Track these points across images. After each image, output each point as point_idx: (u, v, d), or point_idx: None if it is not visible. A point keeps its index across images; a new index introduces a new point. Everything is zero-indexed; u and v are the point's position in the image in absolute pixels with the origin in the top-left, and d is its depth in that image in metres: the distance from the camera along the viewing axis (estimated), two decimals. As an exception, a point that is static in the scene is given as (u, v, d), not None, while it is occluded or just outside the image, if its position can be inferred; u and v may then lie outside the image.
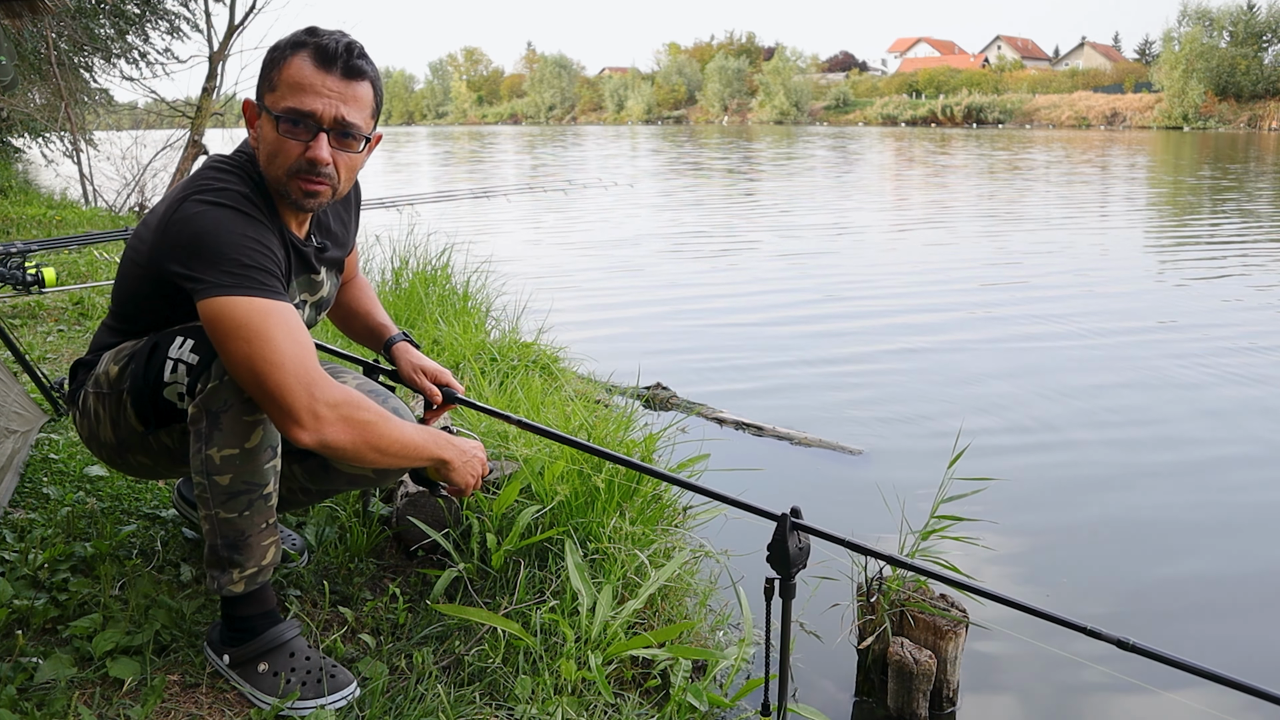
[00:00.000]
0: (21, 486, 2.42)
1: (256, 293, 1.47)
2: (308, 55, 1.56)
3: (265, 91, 1.59)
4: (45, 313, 4.62)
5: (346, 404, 1.50)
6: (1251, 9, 56.44)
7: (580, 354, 4.62)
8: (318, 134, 1.57)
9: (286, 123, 1.56)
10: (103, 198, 11.51)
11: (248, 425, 1.54)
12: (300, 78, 1.55)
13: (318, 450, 1.52)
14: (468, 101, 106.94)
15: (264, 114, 1.59)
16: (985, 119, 65.41)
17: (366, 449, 1.53)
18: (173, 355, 1.56)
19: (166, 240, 1.53)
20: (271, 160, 1.60)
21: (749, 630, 2.04)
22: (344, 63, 1.57)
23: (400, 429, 1.58)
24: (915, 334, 5.88)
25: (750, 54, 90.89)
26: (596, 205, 13.56)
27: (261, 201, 1.61)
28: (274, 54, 1.58)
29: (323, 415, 1.47)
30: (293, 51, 1.56)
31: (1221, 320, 6.23)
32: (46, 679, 1.62)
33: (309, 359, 1.48)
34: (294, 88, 1.55)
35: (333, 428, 1.48)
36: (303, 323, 1.56)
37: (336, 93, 1.57)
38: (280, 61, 1.57)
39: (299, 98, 1.55)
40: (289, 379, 1.45)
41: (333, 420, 1.48)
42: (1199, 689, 1.40)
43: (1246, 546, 3.07)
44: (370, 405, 1.54)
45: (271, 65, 1.58)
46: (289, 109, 1.55)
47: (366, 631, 1.92)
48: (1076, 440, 3.99)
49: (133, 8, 12.35)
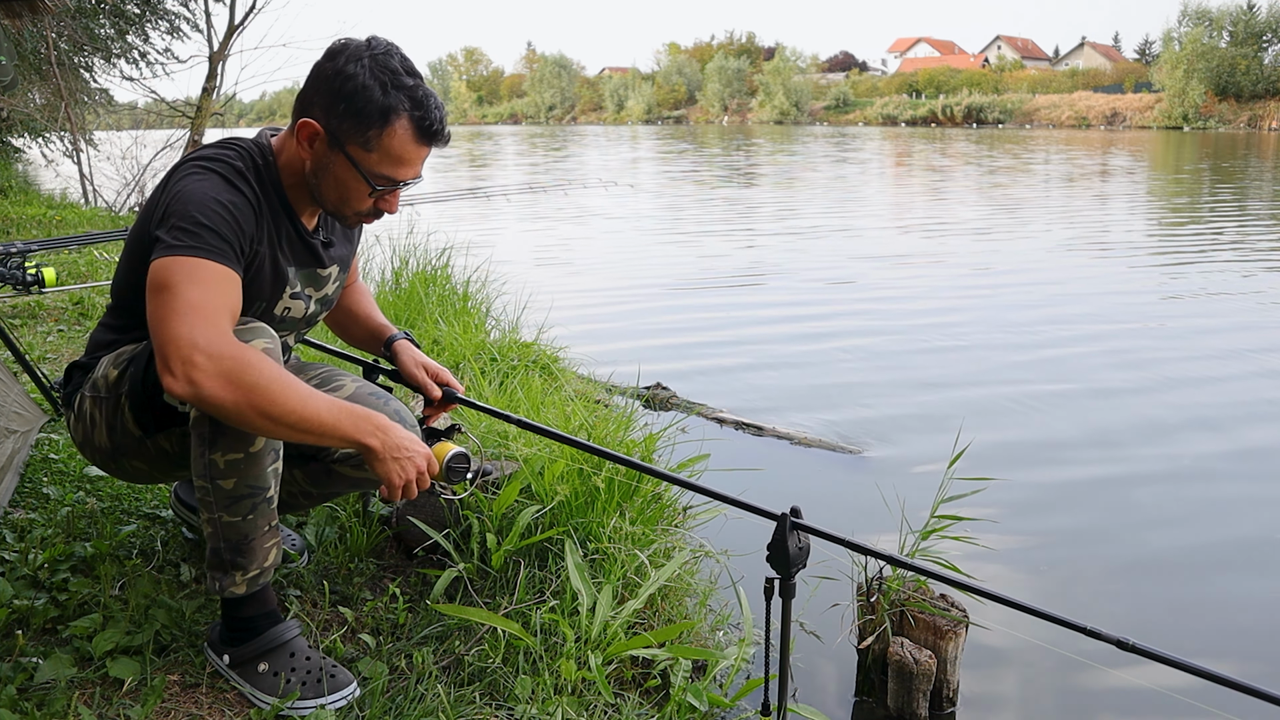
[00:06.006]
0: (21, 486, 2.42)
1: (196, 253, 1.46)
2: (409, 127, 1.57)
3: (354, 142, 1.57)
4: (45, 313, 4.62)
5: (237, 360, 1.38)
6: (1251, 9, 56.44)
7: (580, 354, 4.62)
8: (395, 189, 1.64)
9: (378, 190, 1.62)
10: (103, 198, 11.51)
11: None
12: (404, 153, 1.59)
13: (193, 403, 1.42)
14: (468, 101, 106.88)
15: (341, 155, 1.59)
16: (985, 119, 65.40)
17: (252, 413, 1.39)
18: None
19: (159, 205, 1.56)
20: (341, 199, 1.64)
21: (749, 630, 2.04)
22: (442, 138, 1.62)
23: (304, 400, 1.43)
24: (915, 334, 5.88)
25: (750, 54, 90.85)
26: (597, 205, 13.56)
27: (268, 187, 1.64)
28: (368, 106, 1.54)
29: (199, 364, 1.35)
30: (396, 117, 1.56)
31: (1220, 320, 6.24)
32: (46, 679, 1.62)
33: (212, 313, 1.41)
34: (396, 161, 1.59)
35: (210, 381, 1.35)
36: (230, 285, 1.49)
37: (424, 159, 1.64)
38: (380, 124, 1.55)
39: (398, 170, 1.61)
40: (177, 325, 1.37)
41: (211, 373, 1.36)
42: (1199, 689, 1.39)
43: (1247, 546, 3.07)
44: (273, 372, 1.41)
45: (367, 120, 1.55)
46: (385, 178, 1.61)
47: (366, 631, 1.92)
48: (1076, 440, 4.00)
49: (133, 8, 12.36)
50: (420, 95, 1.58)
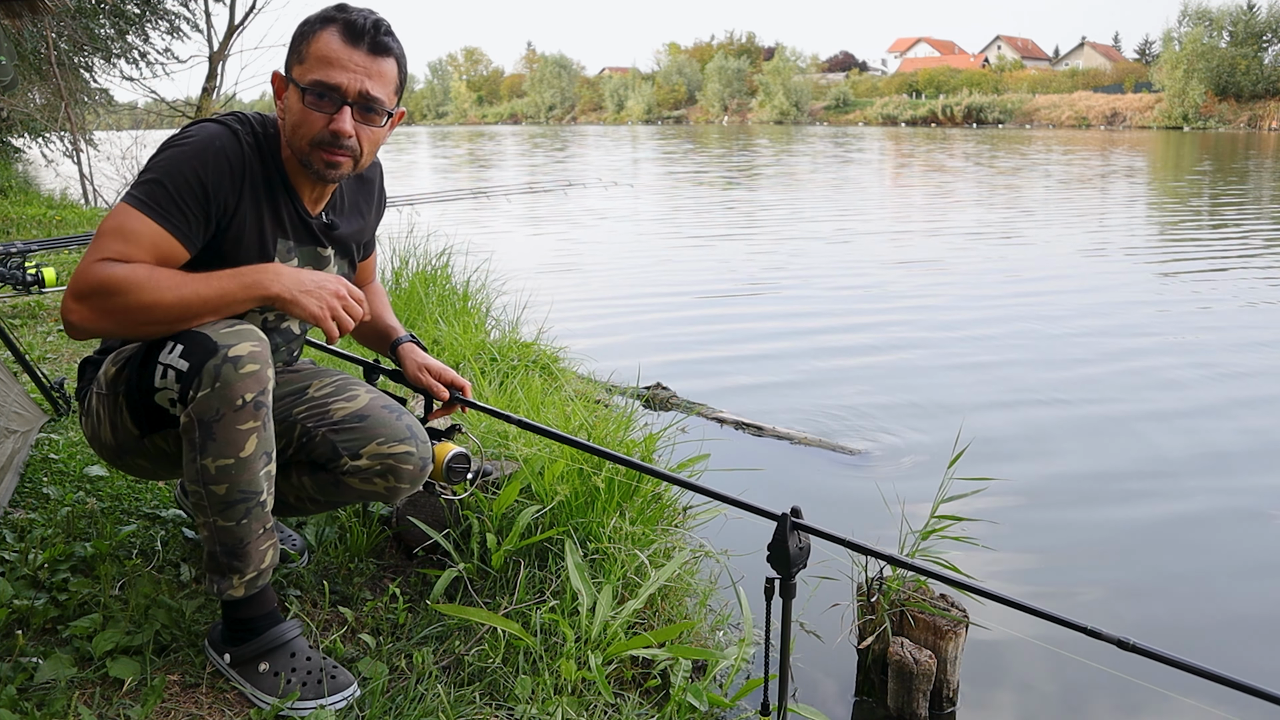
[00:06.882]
0: (21, 486, 2.42)
1: (143, 208, 1.52)
2: (336, 30, 1.61)
3: (294, 64, 1.64)
4: (45, 313, 4.62)
5: (103, 283, 1.45)
6: (1251, 9, 56.45)
7: (580, 354, 4.62)
8: (342, 107, 1.62)
9: (312, 95, 1.60)
10: (103, 198, 11.51)
11: (242, 434, 1.52)
12: (328, 52, 1.60)
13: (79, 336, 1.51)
14: (468, 101, 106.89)
15: (291, 85, 1.63)
16: (985, 119, 65.41)
17: (130, 323, 1.49)
18: (163, 360, 1.53)
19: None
20: (296, 131, 1.63)
21: (749, 630, 2.04)
22: (371, 38, 1.62)
23: (178, 288, 1.48)
24: (915, 334, 5.88)
25: (750, 54, 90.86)
26: (597, 205, 13.56)
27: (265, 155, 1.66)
28: (304, 28, 1.63)
29: (68, 304, 1.47)
30: (322, 26, 1.61)
31: (1222, 320, 6.24)
32: (46, 679, 1.62)
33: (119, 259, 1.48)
34: (321, 61, 1.60)
35: (77, 310, 1.46)
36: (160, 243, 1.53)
37: (362, 68, 1.61)
38: (309, 35, 1.62)
39: (326, 71, 1.60)
40: (78, 272, 1.47)
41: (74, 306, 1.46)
42: (1200, 689, 1.39)
43: (1249, 545, 3.07)
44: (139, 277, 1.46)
45: (301, 38, 1.63)
46: (315, 81, 1.60)
47: (366, 631, 1.92)
48: (1077, 440, 4.00)
49: (133, 8, 12.37)
50: (350, 7, 1.63)
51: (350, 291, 1.61)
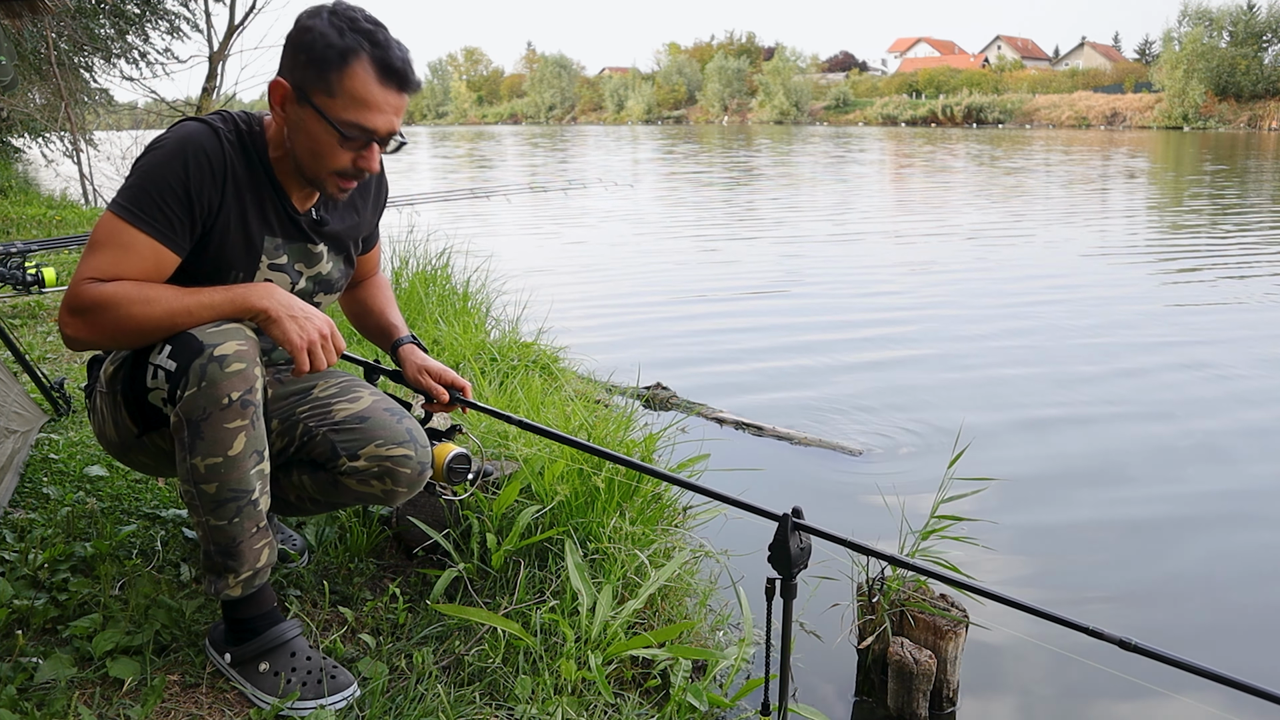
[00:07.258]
0: (21, 486, 2.42)
1: (129, 217, 1.53)
2: (372, 68, 1.54)
3: (315, 88, 1.54)
4: (45, 313, 4.62)
5: (95, 299, 1.48)
6: (1251, 9, 56.45)
7: (580, 354, 4.62)
8: (371, 144, 1.60)
9: (348, 137, 1.57)
10: (102, 198, 11.50)
11: (230, 432, 1.52)
12: (366, 94, 1.54)
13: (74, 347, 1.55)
14: (468, 101, 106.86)
15: (309, 108, 1.56)
16: (985, 119, 65.41)
17: (123, 336, 1.53)
18: (153, 361, 1.53)
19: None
20: (316, 159, 1.60)
21: (749, 630, 2.03)
22: (405, 79, 1.58)
23: (170, 304, 1.51)
24: (915, 334, 5.88)
25: (750, 54, 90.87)
26: (597, 205, 13.55)
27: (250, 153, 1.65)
28: (327, 51, 1.52)
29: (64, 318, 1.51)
30: (355, 57, 1.53)
31: (1223, 321, 6.24)
32: (46, 679, 1.62)
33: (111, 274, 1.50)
34: (358, 103, 1.55)
35: (72, 324, 1.51)
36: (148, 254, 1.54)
37: (394, 108, 1.58)
38: (340, 65, 1.53)
39: (364, 114, 1.56)
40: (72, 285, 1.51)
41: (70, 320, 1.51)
42: (1201, 689, 1.39)
43: (1251, 545, 3.07)
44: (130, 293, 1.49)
45: (326, 64, 1.53)
46: (352, 124, 1.56)
47: (366, 631, 1.92)
48: (1077, 440, 3.99)
49: (133, 8, 12.37)
50: (380, 39, 1.55)
51: (334, 335, 1.60)
